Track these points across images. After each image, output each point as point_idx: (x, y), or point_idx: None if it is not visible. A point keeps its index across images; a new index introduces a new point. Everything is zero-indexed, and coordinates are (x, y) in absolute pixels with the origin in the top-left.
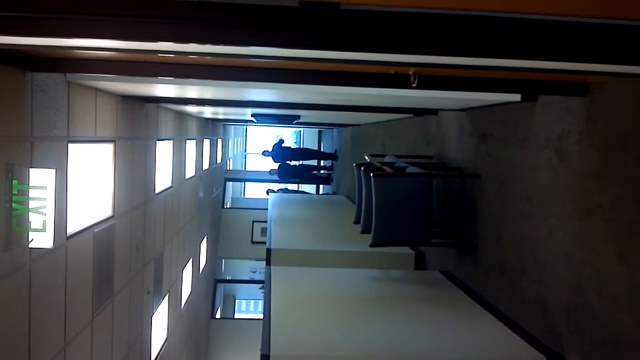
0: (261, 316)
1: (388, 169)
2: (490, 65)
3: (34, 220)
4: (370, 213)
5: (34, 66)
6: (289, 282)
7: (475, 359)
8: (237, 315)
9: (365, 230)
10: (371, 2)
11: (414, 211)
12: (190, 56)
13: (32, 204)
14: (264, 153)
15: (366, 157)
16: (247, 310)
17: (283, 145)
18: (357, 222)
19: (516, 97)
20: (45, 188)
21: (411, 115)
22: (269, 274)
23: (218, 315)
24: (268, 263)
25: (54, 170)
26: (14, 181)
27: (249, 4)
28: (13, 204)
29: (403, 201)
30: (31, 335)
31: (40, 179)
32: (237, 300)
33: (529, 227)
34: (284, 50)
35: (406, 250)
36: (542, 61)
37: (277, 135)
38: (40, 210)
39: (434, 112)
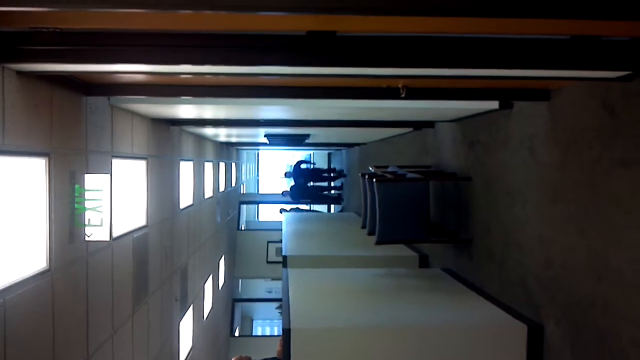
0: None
1: (389, 176)
2: (456, 75)
3: (93, 217)
4: (375, 216)
5: (88, 91)
6: (305, 279)
7: (466, 329)
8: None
9: (371, 232)
10: (359, 29)
11: (413, 212)
12: (207, 77)
13: (91, 204)
14: (286, 175)
15: (370, 168)
16: (264, 333)
17: (301, 166)
18: (364, 227)
19: (494, 104)
20: (102, 190)
21: (411, 129)
22: (286, 275)
23: (237, 334)
24: (285, 266)
25: (109, 175)
26: (76, 185)
27: (271, 34)
28: (76, 204)
29: (403, 203)
30: (89, 318)
31: (97, 183)
32: (254, 322)
33: (511, 217)
34: (292, 68)
35: (410, 252)
36: (505, 70)
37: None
38: (98, 209)
39: (430, 124)
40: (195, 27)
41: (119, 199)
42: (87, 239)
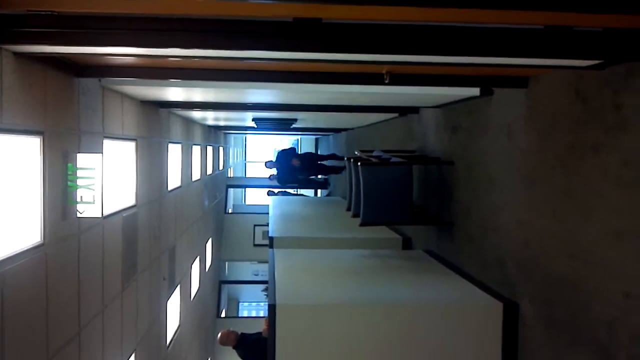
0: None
1: (374, 160)
2: (438, 62)
3: (85, 195)
4: (359, 198)
5: (79, 72)
6: (291, 258)
7: (446, 306)
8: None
9: (356, 214)
10: (343, 17)
11: (396, 194)
12: (195, 60)
13: (83, 182)
14: (267, 164)
15: (356, 152)
16: (250, 315)
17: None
18: (349, 209)
19: (475, 91)
20: (94, 169)
21: (397, 114)
22: (272, 255)
23: (223, 315)
24: (271, 247)
25: (100, 154)
26: (69, 164)
27: (258, 20)
28: (69, 182)
29: (387, 186)
30: (80, 293)
31: (89, 162)
32: (240, 303)
33: (490, 201)
34: (279, 53)
35: (394, 234)
36: (484, 57)
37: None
38: (90, 187)
39: (415, 110)
40: (184, 12)
41: (109, 179)
42: (79, 215)
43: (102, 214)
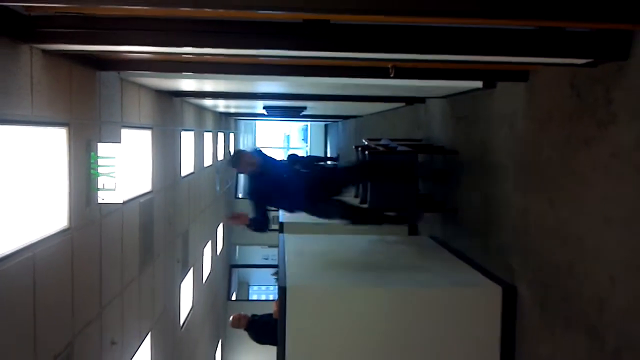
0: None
1: (381, 148)
2: (441, 60)
3: (107, 182)
4: (367, 186)
5: (101, 66)
6: (300, 243)
7: (447, 290)
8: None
9: (363, 201)
10: (349, 19)
11: (402, 182)
12: (207, 56)
13: (105, 170)
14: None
15: (364, 141)
16: (259, 298)
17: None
18: (356, 195)
19: (478, 84)
20: (115, 157)
21: (404, 104)
22: (282, 240)
23: (234, 298)
24: (281, 232)
25: (121, 144)
26: (92, 153)
27: (270, 22)
28: (91, 170)
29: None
30: (102, 276)
31: (110, 150)
32: (250, 287)
33: (492, 188)
34: (289, 51)
35: None
36: (482, 56)
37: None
38: (111, 175)
39: (422, 100)
40: (198, 15)
41: (126, 166)
42: (101, 201)
43: (122, 200)
